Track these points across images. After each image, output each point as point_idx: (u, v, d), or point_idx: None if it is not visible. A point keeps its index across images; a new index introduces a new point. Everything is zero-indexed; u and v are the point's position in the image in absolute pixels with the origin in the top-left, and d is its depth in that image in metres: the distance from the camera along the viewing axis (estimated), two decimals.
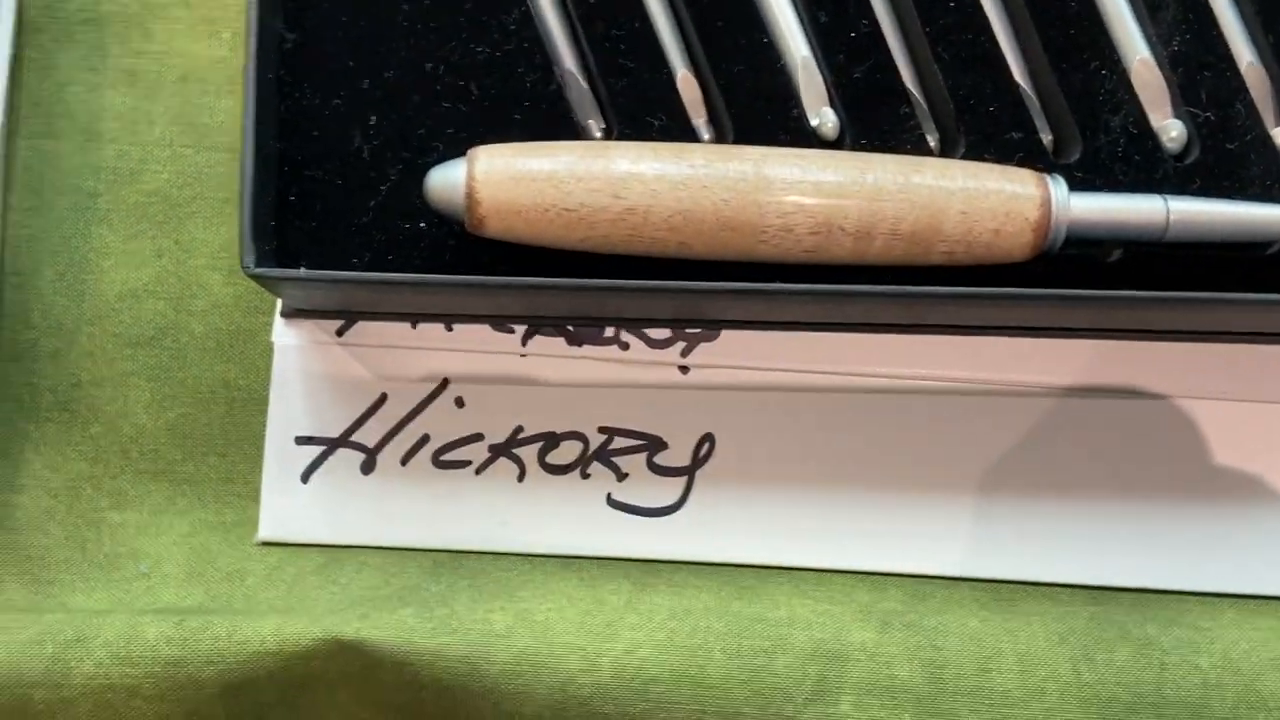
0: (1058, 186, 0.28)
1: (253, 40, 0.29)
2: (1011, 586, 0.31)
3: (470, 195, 0.27)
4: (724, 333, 0.32)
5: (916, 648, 0.29)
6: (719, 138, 0.31)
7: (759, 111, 0.30)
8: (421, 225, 0.30)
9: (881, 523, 0.32)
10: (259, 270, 0.28)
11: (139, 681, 0.28)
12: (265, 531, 0.32)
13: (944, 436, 0.32)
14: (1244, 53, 0.31)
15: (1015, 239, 0.28)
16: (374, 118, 0.30)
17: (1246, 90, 0.30)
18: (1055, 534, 0.32)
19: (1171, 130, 0.30)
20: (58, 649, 0.29)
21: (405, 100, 0.30)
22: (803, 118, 0.30)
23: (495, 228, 0.28)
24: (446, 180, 0.28)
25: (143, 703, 0.29)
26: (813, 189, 0.27)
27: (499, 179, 0.27)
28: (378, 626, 0.28)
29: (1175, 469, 0.32)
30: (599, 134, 0.31)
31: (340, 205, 0.30)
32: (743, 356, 0.32)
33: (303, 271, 0.28)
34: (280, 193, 0.30)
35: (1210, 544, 0.31)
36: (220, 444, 0.33)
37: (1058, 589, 0.31)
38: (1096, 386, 0.32)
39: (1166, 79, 0.30)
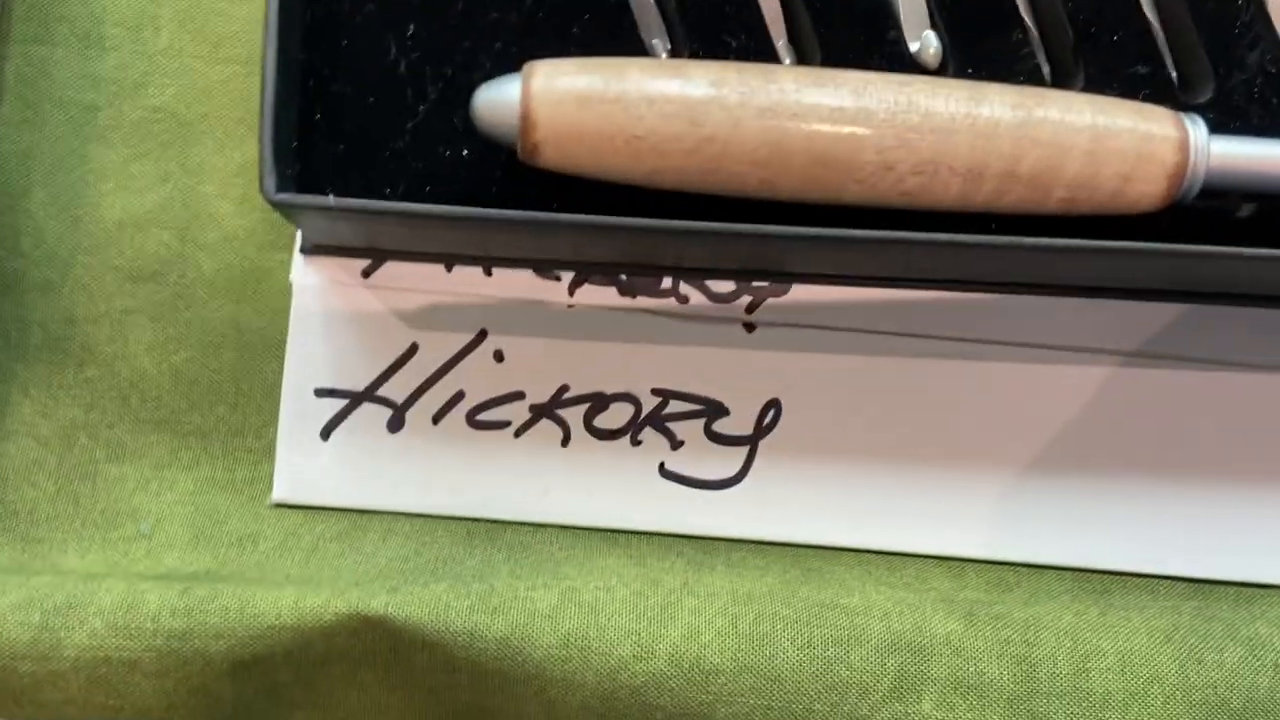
0: (1197, 128, 0.25)
1: None
2: (1104, 576, 0.29)
3: (525, 117, 0.24)
4: (795, 287, 0.29)
5: (1006, 643, 0.27)
6: (803, 62, 0.28)
7: (850, 33, 0.27)
8: (464, 152, 0.27)
9: (962, 503, 0.29)
10: (280, 197, 0.25)
11: (138, 655, 0.26)
12: (280, 492, 0.29)
13: (1033, 409, 0.29)
14: None
15: (1147, 186, 0.25)
16: (412, 26, 0.28)
17: None
18: (1154, 519, 0.29)
19: None
20: (46, 616, 0.27)
21: (448, 7, 0.28)
22: (900, 42, 0.28)
23: (551, 156, 0.25)
24: (498, 99, 0.25)
25: (142, 678, 0.27)
26: (920, 121, 0.24)
27: (559, 98, 0.24)
28: (408, 602, 0.26)
29: None
30: (665, 55, 0.28)
31: (372, 126, 0.27)
32: (815, 314, 0.29)
33: (330, 200, 0.25)
34: (305, 110, 0.27)
35: None
36: (231, 393, 0.30)
37: (1155, 580, 0.29)
38: (1205, 357, 0.29)
39: None
